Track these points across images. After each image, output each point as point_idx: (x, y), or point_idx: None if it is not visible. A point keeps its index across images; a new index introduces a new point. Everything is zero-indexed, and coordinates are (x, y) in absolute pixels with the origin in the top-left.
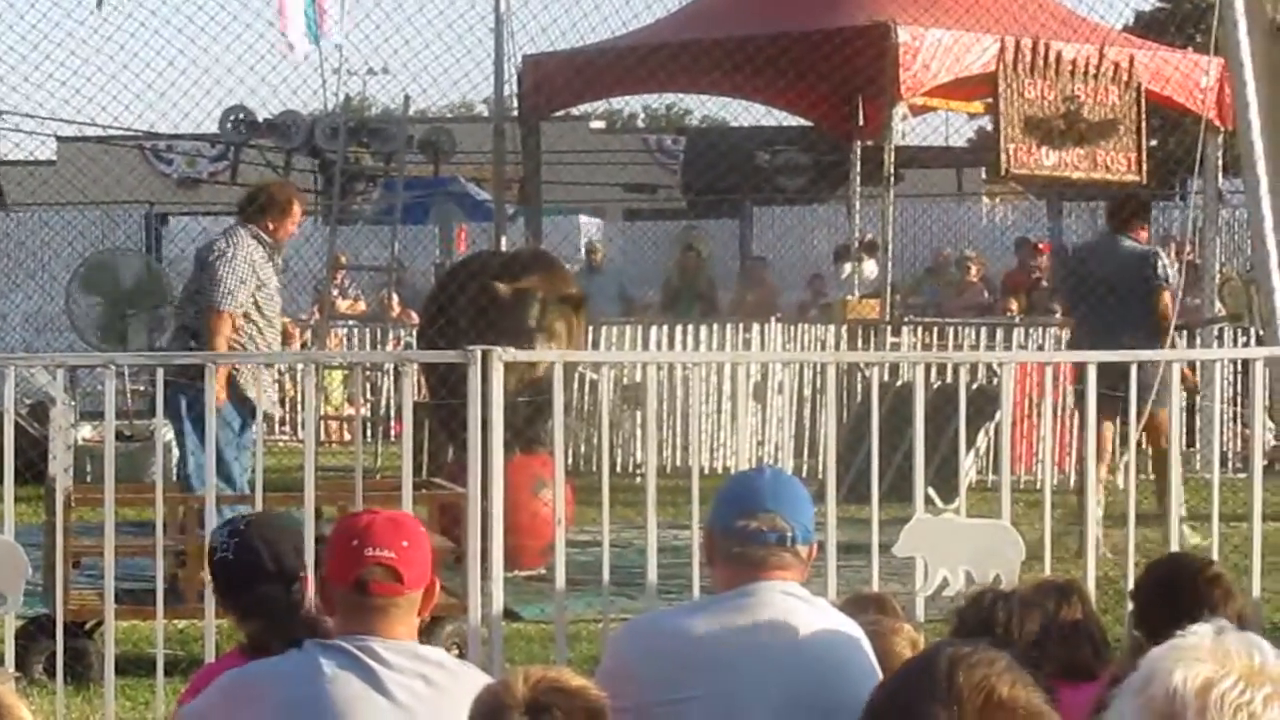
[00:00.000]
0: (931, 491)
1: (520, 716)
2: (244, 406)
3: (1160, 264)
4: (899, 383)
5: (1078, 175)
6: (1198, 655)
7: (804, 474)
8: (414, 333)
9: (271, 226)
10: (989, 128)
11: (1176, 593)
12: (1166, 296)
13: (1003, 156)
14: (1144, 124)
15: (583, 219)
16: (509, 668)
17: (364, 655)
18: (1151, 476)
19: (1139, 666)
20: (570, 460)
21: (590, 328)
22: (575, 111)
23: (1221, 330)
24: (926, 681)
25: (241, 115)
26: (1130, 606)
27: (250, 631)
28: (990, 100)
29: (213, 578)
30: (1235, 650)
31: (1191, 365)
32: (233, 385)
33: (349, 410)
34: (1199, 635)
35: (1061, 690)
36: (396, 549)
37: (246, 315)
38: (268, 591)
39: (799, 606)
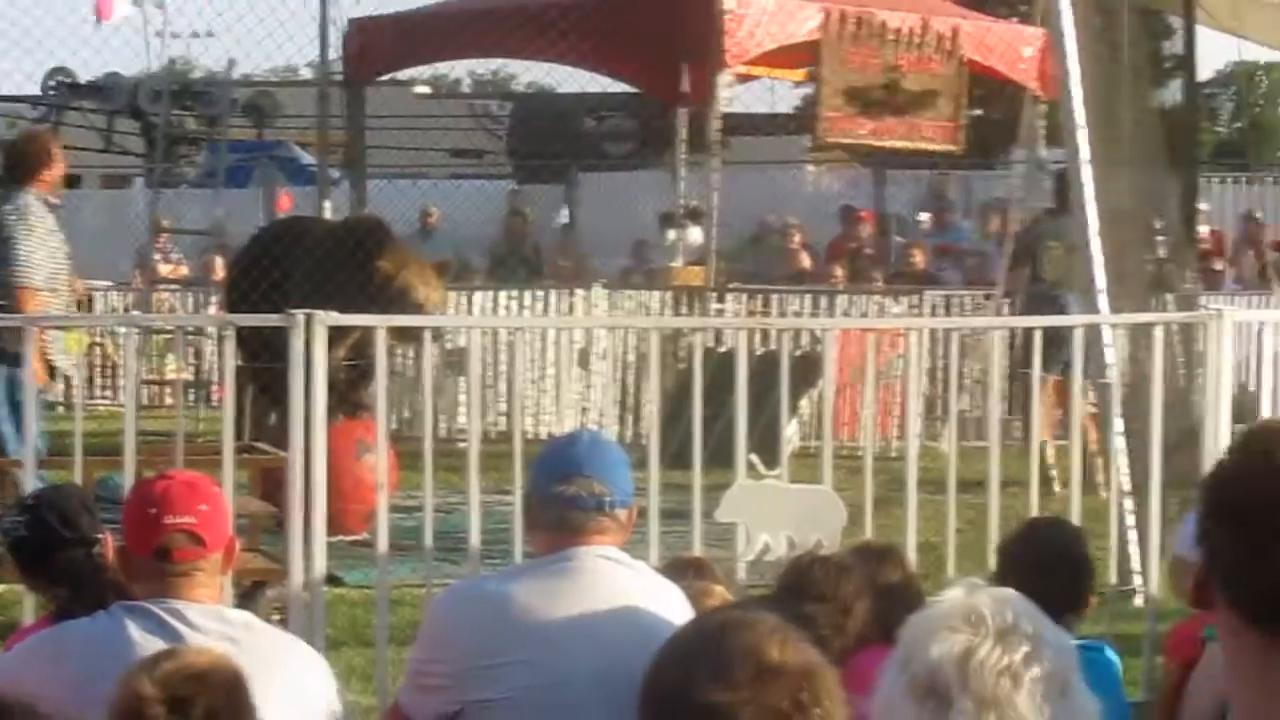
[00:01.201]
0: (754, 457)
1: (163, 716)
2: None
3: None
4: (722, 349)
5: (895, 144)
6: (951, 624)
7: (627, 439)
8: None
9: (49, 182)
10: (813, 96)
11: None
12: None
13: (821, 124)
14: (965, 94)
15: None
16: (329, 637)
17: (171, 618)
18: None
19: (898, 640)
20: (393, 425)
21: None
22: (401, 76)
23: None
24: (697, 651)
25: (63, 77)
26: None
27: (58, 599)
28: (813, 68)
29: (14, 560)
30: (988, 611)
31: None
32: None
33: (171, 374)
34: (950, 600)
35: (879, 651)
36: (196, 513)
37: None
38: (68, 557)
39: (617, 570)
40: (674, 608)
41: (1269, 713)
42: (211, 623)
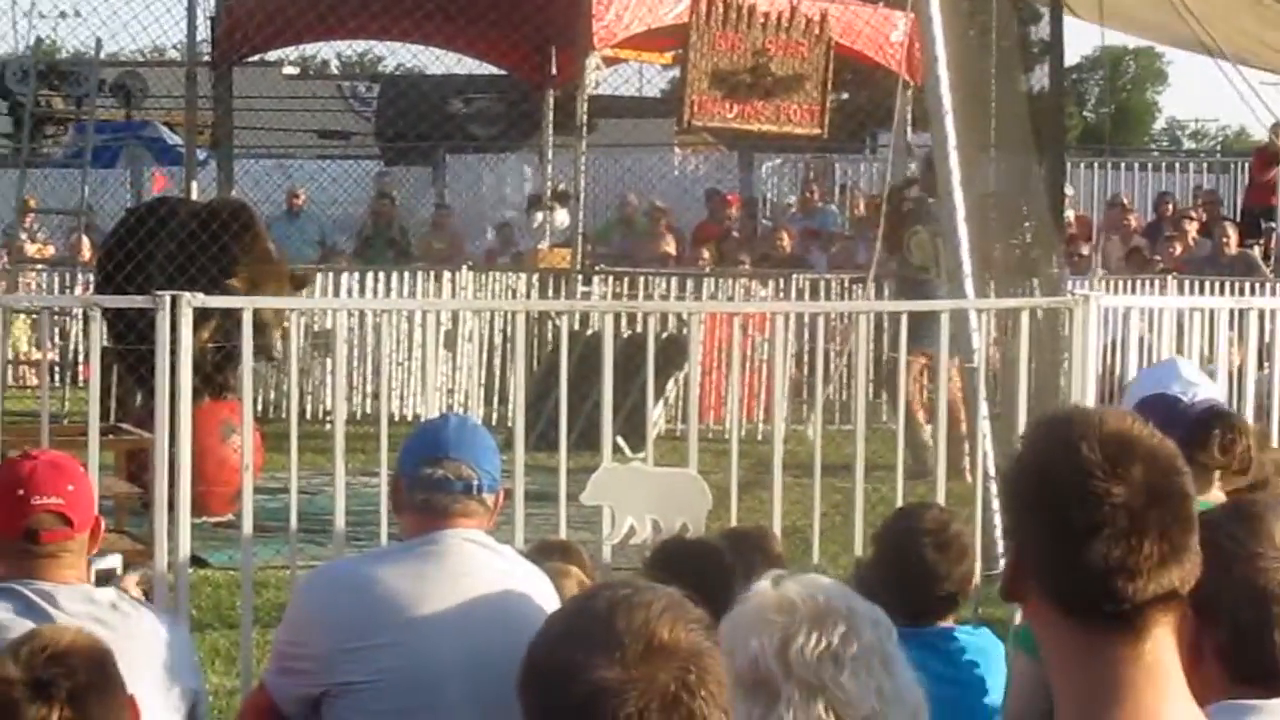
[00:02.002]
0: (620, 440)
1: (28, 699)
2: None
3: None
4: (589, 332)
5: (761, 127)
6: (765, 615)
7: (494, 422)
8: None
9: None
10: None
11: (904, 555)
12: None
13: (686, 107)
14: (830, 78)
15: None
16: (194, 619)
17: (39, 599)
18: (843, 427)
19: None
20: (259, 407)
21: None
22: (269, 57)
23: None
24: (585, 628)
25: None
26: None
27: None
28: (681, 51)
29: None
30: (798, 598)
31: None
32: None
33: (36, 355)
34: (759, 593)
35: None
36: (63, 493)
37: None
38: None
39: (482, 554)
40: (539, 591)
41: (1094, 700)
42: (79, 604)
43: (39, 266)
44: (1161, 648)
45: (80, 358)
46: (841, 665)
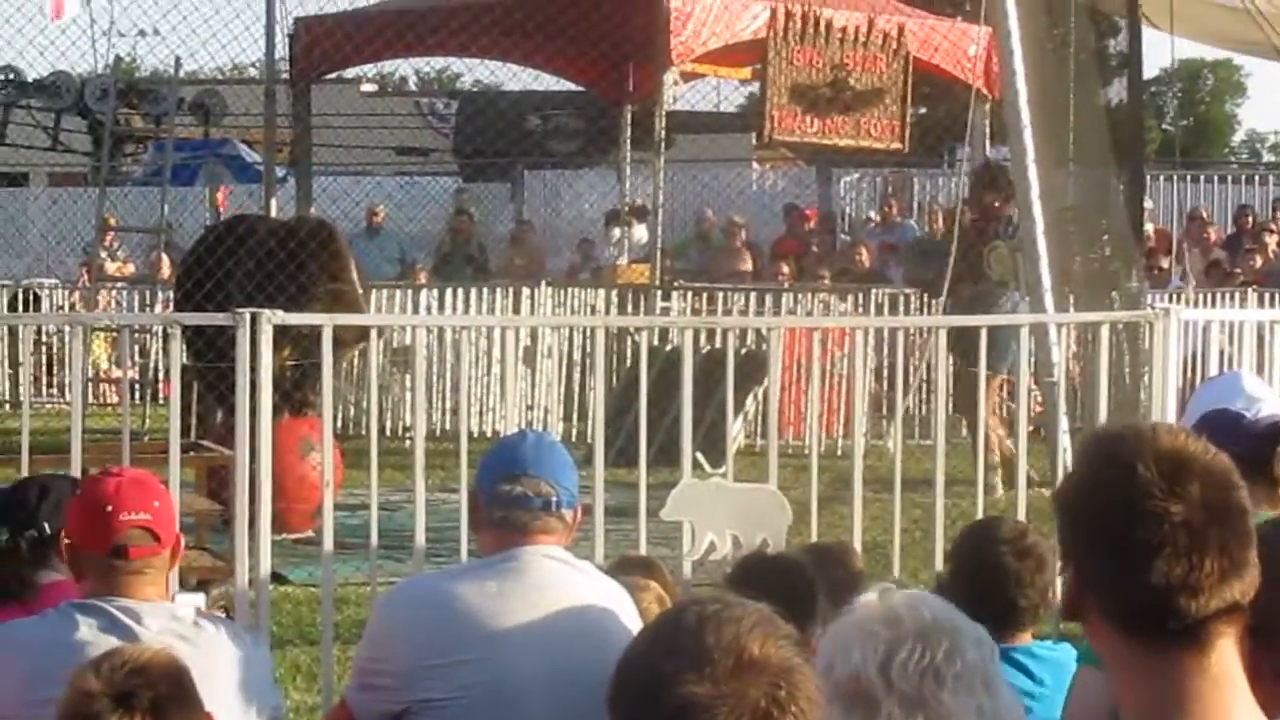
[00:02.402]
0: (699, 456)
1: (110, 709)
2: None
3: None
4: (668, 347)
5: (841, 142)
6: (870, 627)
7: (573, 438)
8: None
9: None
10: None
11: (982, 564)
12: None
13: (767, 122)
14: (909, 92)
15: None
16: (274, 635)
17: (124, 616)
18: (923, 442)
19: (817, 648)
20: (339, 423)
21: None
22: (347, 74)
23: None
24: (674, 643)
25: (11, 75)
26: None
27: None
28: (759, 67)
29: None
30: (904, 612)
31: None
32: None
33: (117, 372)
34: (865, 605)
35: None
36: (149, 510)
37: None
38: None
39: (562, 569)
40: (620, 607)
41: (1162, 713)
42: (162, 620)
43: (119, 284)
44: (1226, 659)
45: (160, 375)
46: (943, 682)
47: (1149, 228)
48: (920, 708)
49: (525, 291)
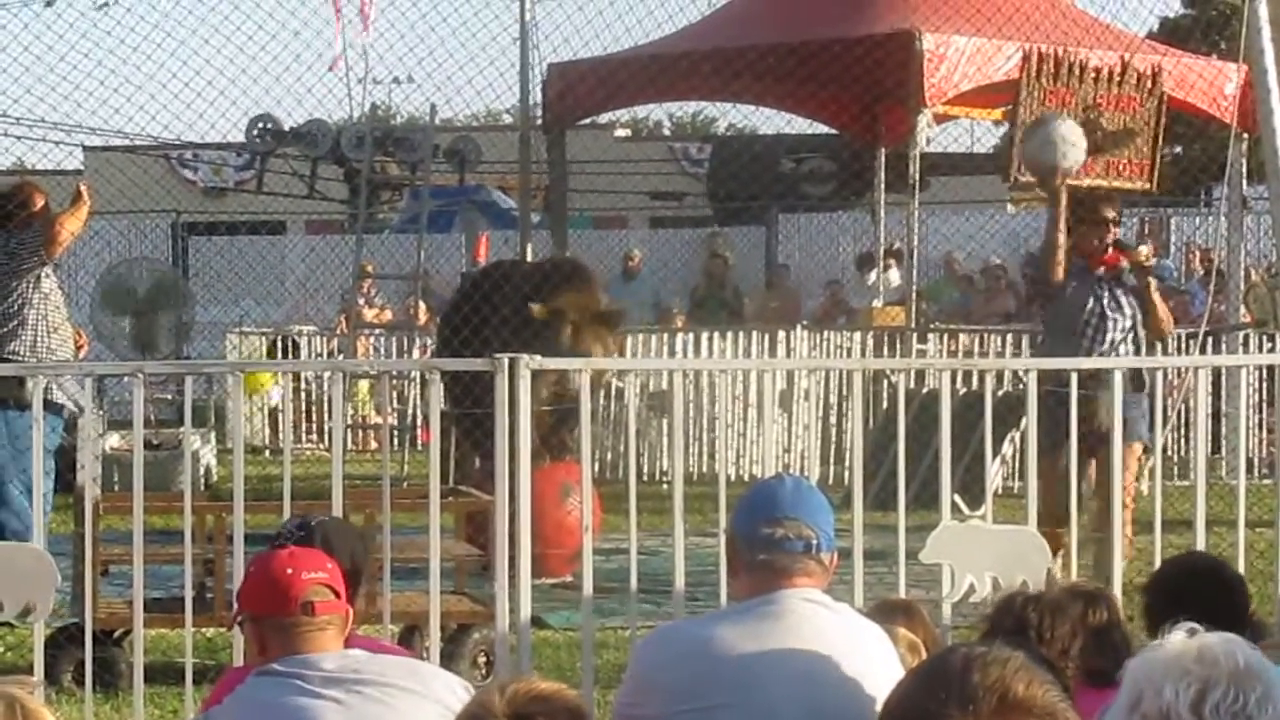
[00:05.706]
0: (958, 498)
1: None
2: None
3: None
4: (925, 389)
5: (1089, 182)
6: (1184, 665)
7: (830, 481)
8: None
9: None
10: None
11: (1184, 593)
12: None
13: (1014, 163)
14: (1162, 132)
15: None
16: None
17: (308, 670)
18: (1179, 483)
19: (1121, 682)
20: (597, 468)
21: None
22: (600, 120)
23: (1247, 336)
24: (941, 683)
25: (268, 124)
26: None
27: None
28: (1011, 108)
29: None
30: (1220, 654)
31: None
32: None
33: (376, 419)
34: (1177, 643)
35: (1086, 695)
36: (325, 570)
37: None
38: None
39: (823, 613)
40: (880, 651)
41: None
42: (352, 668)
43: (376, 331)
44: None
45: (418, 421)
46: None
47: None
48: None
49: (780, 334)
